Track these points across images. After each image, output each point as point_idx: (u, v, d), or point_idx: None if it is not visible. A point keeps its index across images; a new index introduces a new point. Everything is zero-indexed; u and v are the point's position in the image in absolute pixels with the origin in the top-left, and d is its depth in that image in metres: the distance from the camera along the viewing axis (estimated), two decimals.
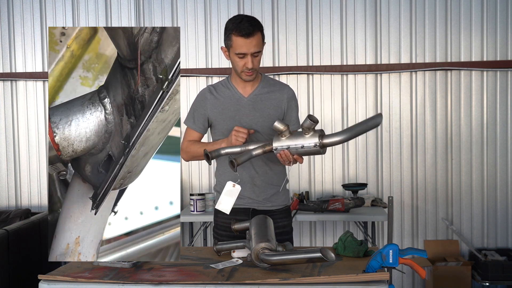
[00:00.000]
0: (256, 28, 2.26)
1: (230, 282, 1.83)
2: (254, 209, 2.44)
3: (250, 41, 2.25)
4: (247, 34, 2.24)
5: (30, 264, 3.83)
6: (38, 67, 4.49)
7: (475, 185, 4.28)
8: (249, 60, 2.28)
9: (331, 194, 4.31)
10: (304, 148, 2.13)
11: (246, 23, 2.25)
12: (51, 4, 4.45)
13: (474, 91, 4.24)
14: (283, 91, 2.45)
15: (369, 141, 4.31)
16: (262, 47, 2.32)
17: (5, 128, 4.54)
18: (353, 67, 4.27)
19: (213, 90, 2.45)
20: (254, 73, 2.34)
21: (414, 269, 1.91)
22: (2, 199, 4.56)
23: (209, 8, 4.35)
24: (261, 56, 2.35)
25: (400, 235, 4.33)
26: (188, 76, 4.37)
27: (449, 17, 4.22)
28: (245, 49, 2.26)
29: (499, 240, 4.27)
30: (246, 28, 2.24)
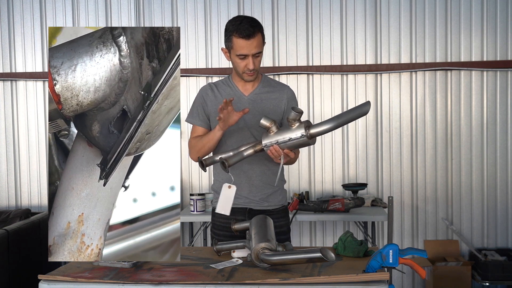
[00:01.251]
0: (256, 29, 2.27)
1: (230, 282, 1.83)
2: (251, 209, 2.44)
3: (251, 42, 2.26)
4: (248, 35, 2.24)
5: (30, 264, 3.83)
6: (38, 67, 4.49)
7: (475, 185, 4.27)
8: (250, 61, 2.29)
9: (331, 194, 4.31)
10: (292, 141, 2.12)
11: (247, 24, 2.26)
12: (51, 4, 4.45)
13: (474, 91, 4.24)
14: (283, 91, 2.46)
15: (369, 141, 4.31)
16: (263, 48, 2.33)
17: (5, 128, 4.54)
18: (353, 67, 4.27)
19: (214, 87, 2.46)
20: (255, 73, 2.36)
21: (414, 269, 1.91)
22: (2, 199, 4.55)
23: (209, 8, 4.35)
24: (262, 56, 2.36)
25: (400, 235, 4.33)
26: (188, 76, 4.37)
27: (449, 17, 4.22)
28: (246, 51, 2.27)
29: (499, 240, 4.27)
30: (246, 30, 2.24)
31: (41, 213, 4.20)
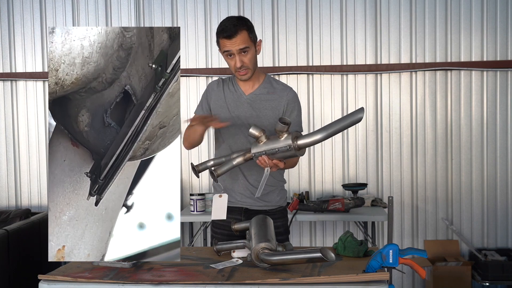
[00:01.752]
0: (239, 27, 2.28)
1: (230, 282, 1.83)
2: (247, 208, 2.44)
3: (234, 41, 2.28)
4: (229, 35, 2.28)
5: (30, 264, 3.83)
6: (38, 67, 4.49)
7: (475, 185, 4.27)
8: (237, 59, 2.31)
9: (331, 194, 4.31)
10: (279, 152, 2.11)
11: (229, 24, 2.29)
12: (51, 4, 4.45)
13: (474, 91, 4.24)
14: (283, 94, 2.44)
15: (369, 141, 4.31)
16: (252, 43, 2.33)
17: (5, 128, 4.54)
18: (353, 67, 4.27)
19: (220, 83, 2.50)
20: (248, 72, 2.36)
21: (414, 269, 1.91)
22: (2, 199, 4.55)
23: (209, 8, 4.35)
24: (254, 54, 2.35)
25: (400, 235, 4.33)
26: (188, 76, 4.37)
27: (449, 17, 4.22)
28: (228, 47, 2.29)
29: (499, 240, 4.27)
30: (228, 30, 2.28)
31: (41, 213, 4.19)
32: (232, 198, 2.43)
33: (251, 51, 2.33)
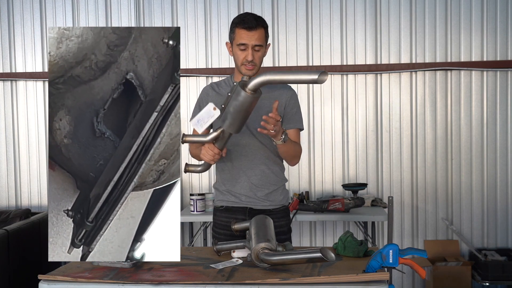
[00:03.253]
0: (259, 24, 2.32)
1: (230, 282, 1.83)
2: (251, 208, 2.44)
3: (252, 34, 2.30)
4: (250, 27, 2.29)
5: (30, 264, 3.83)
6: (38, 67, 4.49)
7: (475, 185, 4.27)
8: (249, 52, 2.32)
9: (331, 194, 4.31)
10: (236, 100, 2.02)
11: (251, 17, 2.32)
12: (51, 4, 4.45)
13: (474, 91, 4.24)
14: (283, 92, 2.46)
15: (369, 141, 4.31)
16: (265, 44, 2.35)
17: (5, 128, 4.54)
18: (353, 67, 4.27)
19: (215, 86, 2.49)
20: (255, 68, 2.36)
21: (414, 269, 1.91)
22: (2, 199, 4.56)
23: (209, 8, 4.35)
24: (263, 54, 2.38)
25: (400, 235, 4.33)
26: (188, 76, 4.37)
27: (449, 17, 4.22)
28: (246, 40, 2.30)
29: (499, 240, 4.27)
30: (249, 22, 2.30)
31: (41, 213, 4.20)
32: (237, 199, 2.43)
33: (263, 50, 2.36)
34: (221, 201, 2.49)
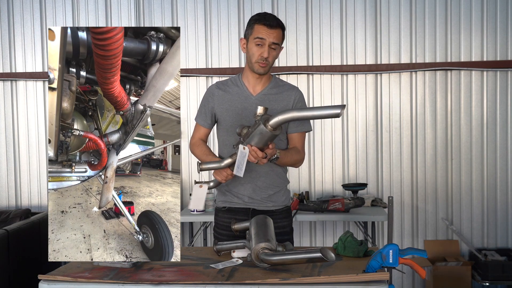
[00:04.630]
0: (279, 24, 2.34)
1: (230, 282, 1.83)
2: (254, 209, 2.44)
3: (271, 32, 2.31)
4: (270, 25, 2.31)
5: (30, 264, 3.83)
6: (38, 67, 4.49)
7: (475, 185, 4.27)
8: (266, 49, 2.32)
9: (331, 194, 4.31)
10: (255, 135, 2.09)
11: (272, 16, 2.34)
12: (51, 4, 4.45)
13: (474, 91, 4.24)
14: (291, 93, 2.46)
15: (369, 141, 4.31)
16: (280, 44, 2.36)
17: (5, 128, 4.54)
18: (353, 67, 4.27)
19: (221, 85, 2.48)
20: (267, 67, 2.37)
21: (414, 269, 1.91)
22: (2, 199, 4.56)
23: (209, 8, 4.35)
24: (277, 54, 2.39)
25: (400, 235, 4.33)
26: (188, 76, 4.37)
27: (449, 17, 4.22)
28: (265, 35, 2.31)
29: (499, 240, 4.27)
30: (270, 20, 2.32)
31: (41, 213, 4.20)
32: (239, 200, 2.43)
33: (278, 50, 2.37)
34: (223, 202, 2.49)
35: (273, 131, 2.07)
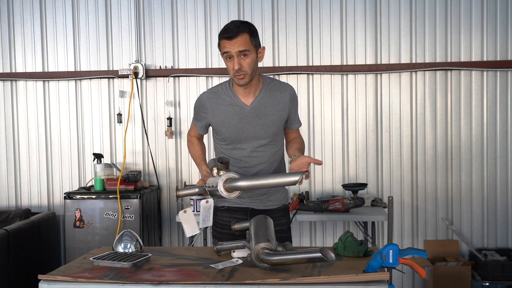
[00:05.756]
0: (241, 30, 2.25)
1: (230, 282, 1.83)
2: (253, 209, 2.45)
3: (233, 42, 2.24)
4: (229, 36, 2.25)
5: (30, 264, 3.83)
6: (38, 67, 4.49)
7: (475, 185, 4.27)
8: (235, 61, 2.26)
9: (331, 194, 4.31)
10: (212, 188, 2.20)
11: (232, 25, 2.27)
12: (51, 4, 4.45)
13: (474, 91, 4.24)
14: (285, 93, 2.42)
15: (369, 141, 4.31)
16: (253, 48, 2.28)
17: (5, 128, 4.54)
18: (353, 67, 4.27)
19: (212, 96, 2.42)
20: (246, 76, 2.29)
21: (414, 269, 1.91)
22: (2, 199, 4.55)
23: (209, 8, 4.35)
24: (253, 59, 2.29)
25: (400, 235, 4.33)
26: (188, 76, 4.37)
27: (449, 17, 4.21)
28: (228, 48, 2.26)
29: (499, 240, 4.27)
30: (229, 31, 2.25)
31: (41, 213, 4.20)
32: (238, 199, 2.42)
33: (251, 55, 2.27)
34: (222, 201, 2.49)
35: (229, 193, 2.14)
